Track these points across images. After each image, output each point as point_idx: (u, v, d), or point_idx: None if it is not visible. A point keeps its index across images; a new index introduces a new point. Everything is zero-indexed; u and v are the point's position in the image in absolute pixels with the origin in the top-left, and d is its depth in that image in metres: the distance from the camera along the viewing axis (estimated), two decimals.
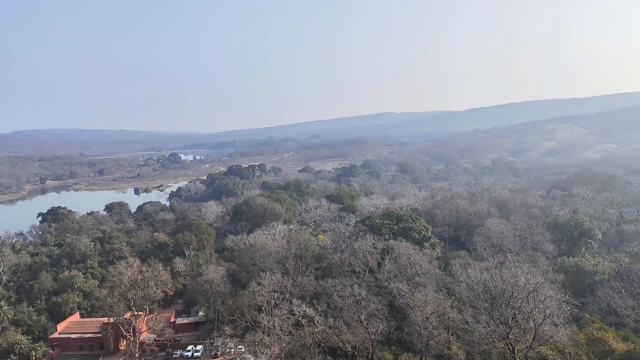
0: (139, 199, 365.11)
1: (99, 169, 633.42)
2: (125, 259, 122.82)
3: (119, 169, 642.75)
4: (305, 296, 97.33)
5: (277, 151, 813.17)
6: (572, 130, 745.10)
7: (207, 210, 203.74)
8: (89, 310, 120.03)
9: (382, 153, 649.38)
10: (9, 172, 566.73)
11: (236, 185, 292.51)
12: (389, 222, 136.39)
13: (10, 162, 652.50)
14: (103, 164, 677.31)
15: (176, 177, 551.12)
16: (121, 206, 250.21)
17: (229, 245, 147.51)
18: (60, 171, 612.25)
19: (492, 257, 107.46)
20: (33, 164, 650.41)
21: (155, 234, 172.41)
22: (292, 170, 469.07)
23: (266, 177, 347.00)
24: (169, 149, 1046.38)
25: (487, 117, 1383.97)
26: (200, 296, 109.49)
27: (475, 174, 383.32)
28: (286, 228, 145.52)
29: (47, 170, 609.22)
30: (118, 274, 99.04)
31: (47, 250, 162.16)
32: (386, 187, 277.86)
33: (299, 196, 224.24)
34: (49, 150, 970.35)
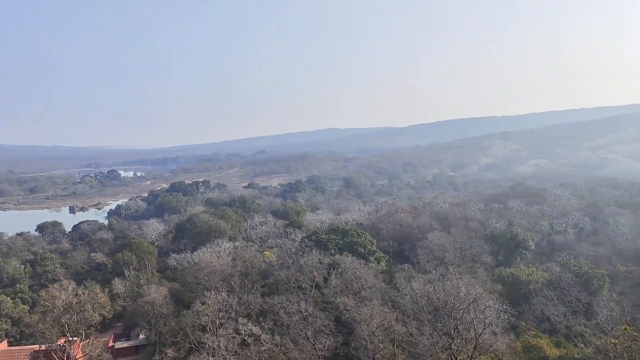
0: (75, 217, 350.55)
1: (30, 187, 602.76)
2: (59, 281, 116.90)
3: (53, 187, 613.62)
4: (252, 314, 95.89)
5: (222, 167, 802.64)
6: (505, 146, 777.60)
7: (148, 228, 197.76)
8: (18, 338, 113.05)
9: (328, 168, 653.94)
10: None
11: (179, 202, 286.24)
12: (334, 237, 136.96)
13: None
14: (35, 181, 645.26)
15: (115, 195, 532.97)
16: (55, 226, 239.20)
17: (172, 264, 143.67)
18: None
19: (435, 269, 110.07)
20: None
21: (93, 255, 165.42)
22: (238, 186, 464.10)
23: (211, 194, 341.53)
24: (108, 165, 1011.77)
25: (428, 133, 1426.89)
26: (141, 318, 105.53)
27: (418, 188, 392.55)
28: (231, 245, 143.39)
29: None
30: (51, 298, 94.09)
31: None
32: (332, 202, 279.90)
33: (245, 212, 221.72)
34: None
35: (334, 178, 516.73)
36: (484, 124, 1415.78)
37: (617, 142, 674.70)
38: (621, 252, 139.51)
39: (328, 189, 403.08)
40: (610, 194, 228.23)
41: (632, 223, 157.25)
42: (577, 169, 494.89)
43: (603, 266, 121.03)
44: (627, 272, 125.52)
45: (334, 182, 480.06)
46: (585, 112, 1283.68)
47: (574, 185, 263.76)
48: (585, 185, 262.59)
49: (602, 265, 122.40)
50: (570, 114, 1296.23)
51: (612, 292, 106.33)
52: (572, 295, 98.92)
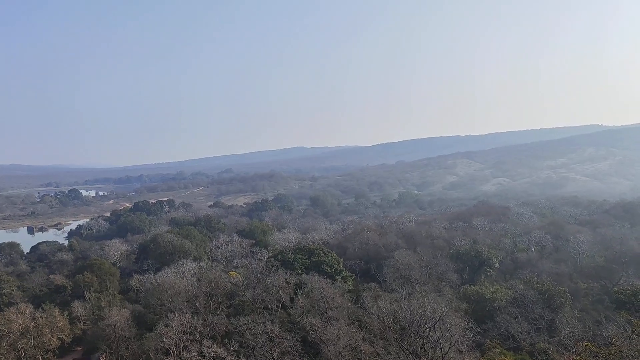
0: (34, 238, 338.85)
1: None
2: (15, 305, 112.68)
3: (10, 207, 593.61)
4: (217, 336, 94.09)
5: (187, 186, 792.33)
6: (470, 165, 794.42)
7: (110, 249, 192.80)
8: None
9: (294, 187, 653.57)
10: None
11: (143, 222, 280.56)
12: (301, 257, 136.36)
13: None
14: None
15: (76, 215, 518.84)
16: (12, 247, 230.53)
17: (135, 286, 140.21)
18: None
19: (401, 288, 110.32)
20: None
21: (52, 276, 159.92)
22: (203, 205, 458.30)
23: (175, 213, 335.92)
24: (69, 184, 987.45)
25: (393, 151, 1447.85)
26: (102, 342, 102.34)
27: (384, 207, 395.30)
28: (196, 265, 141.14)
29: None
30: (7, 322, 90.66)
31: None
32: (298, 221, 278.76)
33: (210, 232, 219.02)
34: None
35: (300, 197, 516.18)
36: (448, 143, 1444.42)
37: (577, 161, 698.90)
38: (582, 269, 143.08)
39: (295, 207, 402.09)
40: (570, 212, 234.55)
41: (592, 240, 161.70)
42: (539, 187, 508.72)
43: (565, 283, 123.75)
44: (588, 288, 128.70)
45: (300, 201, 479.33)
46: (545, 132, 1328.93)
47: (536, 203, 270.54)
48: (547, 203, 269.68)
49: (564, 282, 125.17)
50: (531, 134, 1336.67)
51: (573, 309, 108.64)
52: (536, 313, 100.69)
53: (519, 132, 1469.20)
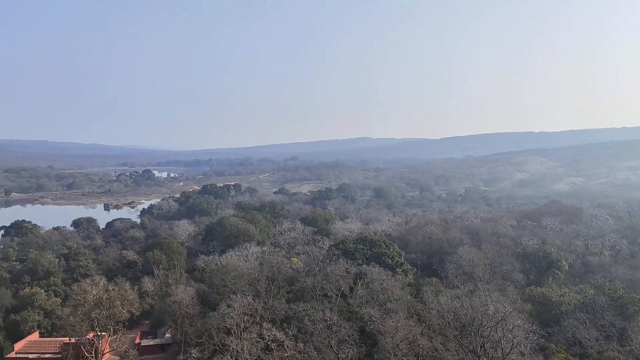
0: (109, 215, 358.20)
1: (68, 183, 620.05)
2: (90, 276, 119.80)
3: (90, 184, 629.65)
4: (276, 320, 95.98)
5: (253, 172, 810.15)
6: (541, 163, 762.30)
7: (179, 229, 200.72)
8: (50, 330, 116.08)
9: (358, 177, 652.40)
10: None
11: (210, 204, 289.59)
12: (362, 247, 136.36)
13: None
14: (73, 177, 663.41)
15: (149, 194, 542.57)
16: (89, 222, 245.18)
17: (200, 266, 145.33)
18: (27, 184, 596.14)
19: (463, 284, 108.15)
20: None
21: (124, 252, 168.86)
22: (268, 191, 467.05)
23: (241, 198, 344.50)
24: (143, 165, 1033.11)
25: (461, 145, 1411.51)
26: (168, 317, 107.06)
27: (449, 201, 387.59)
28: (259, 250, 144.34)
29: (13, 182, 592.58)
30: (82, 292, 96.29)
31: (7, 266, 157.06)
32: (361, 211, 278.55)
33: (274, 218, 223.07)
34: (16, 161, 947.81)
35: (364, 187, 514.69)
36: (519, 139, 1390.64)
37: None
38: None
39: (358, 198, 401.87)
40: None
41: None
42: (617, 189, 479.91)
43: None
44: None
45: (364, 192, 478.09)
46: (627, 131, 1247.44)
47: (612, 205, 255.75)
48: (624, 206, 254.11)
49: (638, 290, 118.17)
50: (611, 133, 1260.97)
51: None
52: (606, 320, 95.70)
53: (598, 130, 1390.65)
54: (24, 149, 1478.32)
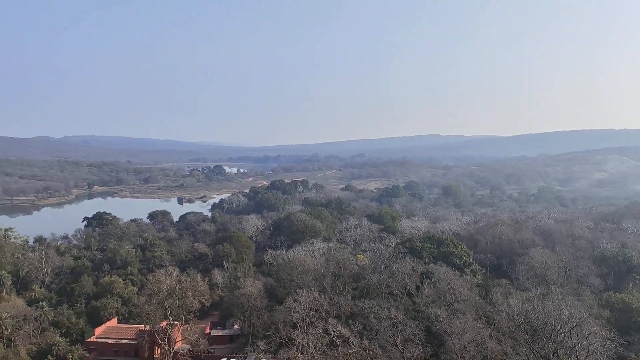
0: (182, 208, 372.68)
1: (144, 177, 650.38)
2: (164, 267, 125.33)
3: (164, 178, 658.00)
4: (341, 316, 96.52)
5: (320, 168, 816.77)
6: (622, 162, 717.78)
7: (247, 223, 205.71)
8: (127, 316, 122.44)
9: (426, 175, 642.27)
10: (59, 176, 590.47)
11: (278, 200, 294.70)
12: (429, 246, 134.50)
13: (60, 166, 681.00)
14: (149, 172, 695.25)
15: (219, 189, 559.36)
16: (164, 215, 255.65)
17: (268, 260, 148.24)
18: (108, 177, 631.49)
19: (535, 287, 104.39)
20: (82, 169, 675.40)
21: (196, 245, 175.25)
22: (335, 187, 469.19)
23: (308, 194, 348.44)
24: (214, 160, 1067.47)
25: (535, 143, 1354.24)
26: (237, 309, 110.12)
27: (521, 201, 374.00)
28: (325, 246, 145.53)
29: (95, 176, 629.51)
30: (157, 282, 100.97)
31: (89, 255, 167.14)
32: (428, 209, 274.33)
33: (340, 214, 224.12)
34: (98, 156, 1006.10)
35: (432, 185, 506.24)
36: (598, 136, 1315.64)
37: None
38: None
39: (425, 196, 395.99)
40: None
41: None
42: None
43: None
44: None
45: (432, 190, 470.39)
46: None
47: None
48: None
49: None
50: None
51: None
52: None
53: None
54: (105, 144, 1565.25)
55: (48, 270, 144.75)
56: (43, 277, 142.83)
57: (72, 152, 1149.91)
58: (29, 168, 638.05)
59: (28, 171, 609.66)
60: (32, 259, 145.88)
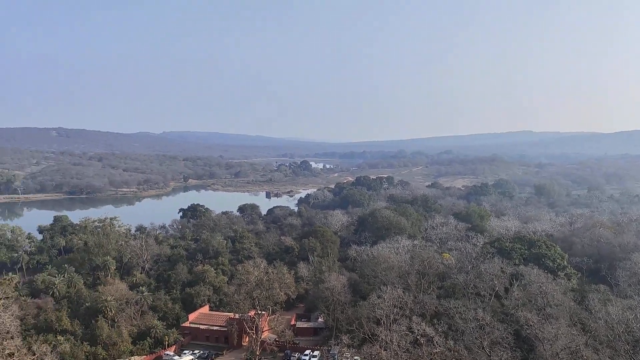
0: (270, 202, 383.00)
1: (235, 172, 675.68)
2: (253, 259, 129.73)
3: (253, 173, 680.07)
4: (426, 315, 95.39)
5: (406, 164, 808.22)
6: None
7: (333, 218, 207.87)
8: (217, 304, 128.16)
9: (517, 173, 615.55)
10: (158, 169, 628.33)
11: (363, 196, 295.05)
12: (520, 247, 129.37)
13: (159, 160, 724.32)
14: (239, 167, 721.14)
15: (305, 184, 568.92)
16: (253, 208, 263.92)
17: (352, 255, 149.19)
18: (202, 171, 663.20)
19: (638, 295, 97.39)
20: (178, 163, 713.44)
21: (282, 238, 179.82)
22: (420, 184, 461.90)
23: (393, 190, 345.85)
24: (301, 156, 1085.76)
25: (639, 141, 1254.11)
26: (321, 302, 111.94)
27: (623, 202, 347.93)
28: (410, 243, 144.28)
29: (190, 170, 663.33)
30: (246, 273, 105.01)
31: (184, 244, 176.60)
32: (519, 209, 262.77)
33: (426, 212, 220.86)
34: (193, 151, 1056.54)
35: (523, 184, 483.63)
36: None
37: None
38: None
39: (516, 195, 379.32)
40: None
41: None
42: None
43: None
44: None
45: (523, 188, 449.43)
46: None
47: None
48: None
49: None
50: None
51: None
52: None
53: None
54: (199, 140, 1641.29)
55: (147, 257, 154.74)
56: (143, 264, 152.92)
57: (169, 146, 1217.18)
58: (131, 161, 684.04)
59: (131, 164, 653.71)
60: (134, 247, 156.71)
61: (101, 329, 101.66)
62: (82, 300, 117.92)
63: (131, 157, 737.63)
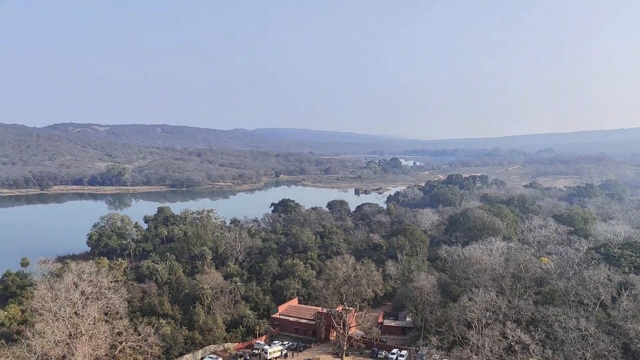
0: (358, 199, 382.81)
1: (324, 168, 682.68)
2: (341, 255, 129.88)
3: (343, 169, 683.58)
4: (521, 321, 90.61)
5: (501, 163, 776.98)
6: None
7: (422, 217, 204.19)
8: (306, 298, 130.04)
9: (628, 174, 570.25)
10: (251, 164, 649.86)
11: (454, 195, 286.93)
12: (630, 253, 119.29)
13: (252, 156, 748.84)
14: (329, 163, 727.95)
15: (395, 182, 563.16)
16: (341, 205, 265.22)
17: (442, 255, 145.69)
18: (292, 167, 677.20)
19: None
20: (270, 159, 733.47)
21: (371, 235, 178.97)
22: (517, 184, 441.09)
23: (487, 190, 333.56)
24: (391, 153, 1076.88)
25: None
26: (409, 302, 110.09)
27: None
28: (505, 245, 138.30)
29: (281, 166, 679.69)
30: (334, 268, 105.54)
31: (275, 238, 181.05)
32: (630, 213, 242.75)
33: (523, 213, 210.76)
34: (285, 147, 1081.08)
35: (635, 186, 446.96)
36: None
37: None
38: None
39: (626, 197, 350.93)
40: None
41: None
42: None
43: None
44: None
45: (635, 191, 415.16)
46: None
47: None
48: None
49: None
50: None
51: None
52: None
53: None
54: (291, 136, 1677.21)
55: (241, 249, 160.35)
56: (236, 255, 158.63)
57: (262, 143, 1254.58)
58: (227, 157, 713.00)
59: (227, 159, 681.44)
60: (228, 238, 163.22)
61: (198, 315, 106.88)
62: (182, 287, 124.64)
63: (227, 153, 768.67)
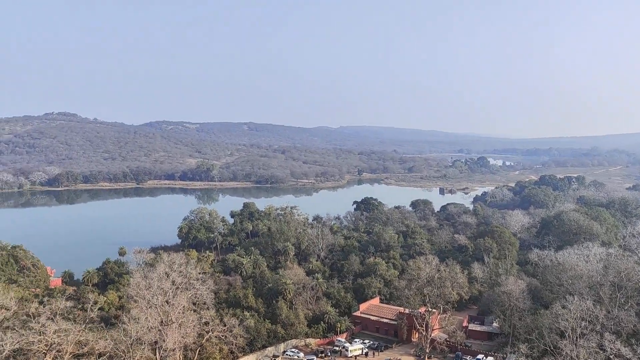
0: (443, 199, 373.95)
1: (408, 166, 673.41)
2: (424, 255, 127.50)
3: (427, 168, 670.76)
4: (621, 333, 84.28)
5: (601, 163, 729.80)
6: None
7: (511, 218, 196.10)
8: (387, 297, 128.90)
9: None
10: (334, 162, 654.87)
11: (547, 196, 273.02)
12: None
13: (335, 154, 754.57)
14: (413, 161, 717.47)
15: (482, 181, 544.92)
16: (425, 204, 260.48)
17: (533, 260, 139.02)
18: (375, 165, 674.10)
19: None
20: (353, 157, 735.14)
21: (456, 236, 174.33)
22: (619, 186, 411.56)
23: (584, 191, 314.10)
24: (478, 152, 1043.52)
25: None
26: (496, 307, 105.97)
27: None
28: (604, 251, 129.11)
29: (364, 164, 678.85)
30: (417, 269, 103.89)
31: (357, 236, 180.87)
32: None
33: (625, 217, 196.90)
34: (368, 145, 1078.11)
35: None
36: None
37: None
38: None
39: None
40: None
41: None
42: None
43: None
44: None
45: None
46: None
47: None
48: None
49: None
50: None
51: None
52: None
53: None
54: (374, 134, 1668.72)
55: (323, 246, 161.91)
56: (319, 252, 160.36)
57: (345, 141, 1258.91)
58: (310, 154, 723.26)
59: (310, 157, 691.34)
60: (311, 235, 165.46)
61: (281, 309, 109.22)
62: (265, 281, 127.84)
63: (310, 150, 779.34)
